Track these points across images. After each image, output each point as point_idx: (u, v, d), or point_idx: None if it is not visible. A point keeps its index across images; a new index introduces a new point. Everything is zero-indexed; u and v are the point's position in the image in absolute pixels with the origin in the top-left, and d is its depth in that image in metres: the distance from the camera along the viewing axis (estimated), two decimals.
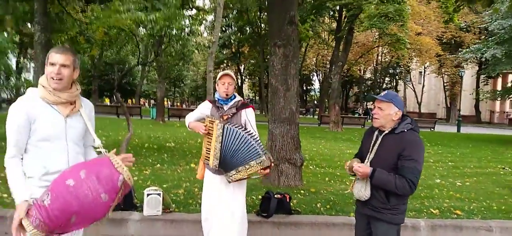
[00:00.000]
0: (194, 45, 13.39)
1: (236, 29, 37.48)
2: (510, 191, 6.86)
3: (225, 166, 3.32)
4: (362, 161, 2.80)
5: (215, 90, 3.85)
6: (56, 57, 2.17)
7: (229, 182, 3.33)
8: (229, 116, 3.47)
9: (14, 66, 29.27)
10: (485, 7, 11.69)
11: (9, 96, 31.91)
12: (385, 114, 2.68)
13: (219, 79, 3.53)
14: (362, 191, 2.72)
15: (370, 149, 2.76)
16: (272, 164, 3.32)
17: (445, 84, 47.81)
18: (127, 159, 2.21)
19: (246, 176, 3.27)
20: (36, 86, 2.25)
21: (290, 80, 6.46)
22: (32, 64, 31.11)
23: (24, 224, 1.92)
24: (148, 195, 4.39)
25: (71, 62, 2.21)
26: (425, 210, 5.24)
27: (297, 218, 4.67)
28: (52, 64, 2.16)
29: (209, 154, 3.41)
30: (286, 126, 6.43)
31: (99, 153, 2.29)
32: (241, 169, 3.24)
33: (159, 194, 4.43)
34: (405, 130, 2.67)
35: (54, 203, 1.91)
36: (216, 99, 3.61)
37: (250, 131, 3.34)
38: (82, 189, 1.96)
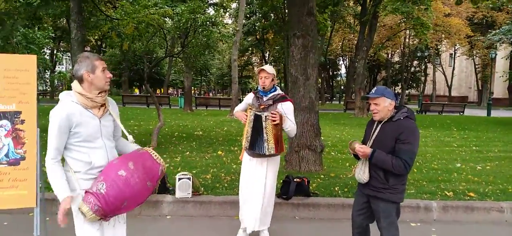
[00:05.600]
0: (219, 36, 13.75)
1: (260, 15, 37.54)
2: None
3: (255, 146, 3.75)
4: None
5: (240, 78, 4.27)
6: (104, 63, 2.51)
7: (272, 154, 3.74)
8: (266, 106, 3.86)
9: (49, 60, 30.70)
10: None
11: (44, 89, 33.49)
12: (382, 108, 3.00)
13: (257, 73, 3.97)
14: (361, 174, 3.08)
15: (370, 136, 3.10)
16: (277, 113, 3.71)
17: (476, 66, 46.34)
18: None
19: (272, 136, 3.68)
20: (70, 77, 2.58)
21: (309, 70, 6.75)
22: (66, 57, 32.46)
23: (83, 210, 2.29)
24: (179, 179, 4.85)
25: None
26: (439, 193, 5.48)
27: (315, 200, 5.02)
28: (105, 69, 2.47)
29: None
30: (306, 114, 6.74)
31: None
32: (265, 137, 3.67)
33: (189, 179, 4.89)
34: (402, 118, 2.97)
35: (110, 191, 2.28)
36: (258, 90, 4.03)
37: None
38: (134, 178, 2.34)
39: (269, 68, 3.91)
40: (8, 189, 3.41)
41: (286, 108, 3.87)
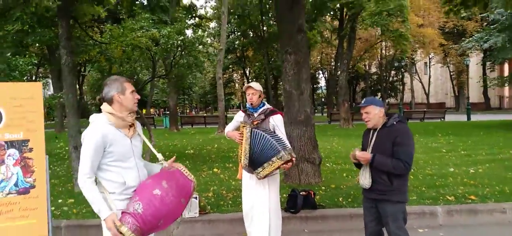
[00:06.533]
0: (205, 55, 13.84)
1: (239, 33, 37.92)
2: None
3: (253, 164, 3.74)
4: None
5: (225, 95, 4.28)
6: (132, 85, 2.57)
7: (259, 178, 3.73)
8: (259, 121, 3.88)
9: None
10: (481, 10, 11.95)
11: None
12: (372, 115, 3.23)
13: (245, 91, 4.00)
14: (363, 179, 3.26)
15: (369, 144, 3.27)
16: (294, 158, 3.71)
17: (451, 73, 47.80)
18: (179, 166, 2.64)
19: (270, 171, 3.66)
20: (53, 102, 2.58)
21: (303, 84, 6.85)
22: (48, 81, 31.85)
23: (122, 231, 2.28)
24: None
25: None
26: (441, 197, 5.58)
27: (322, 212, 5.04)
28: (133, 91, 2.55)
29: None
30: (302, 128, 6.80)
31: (161, 164, 2.68)
32: (266, 166, 3.66)
33: (196, 198, 4.84)
34: (395, 123, 3.20)
35: (147, 210, 2.30)
36: (247, 108, 4.03)
37: (274, 133, 3.77)
38: (169, 196, 2.38)
39: (255, 85, 3.96)
40: (19, 219, 3.32)
41: (277, 121, 3.91)
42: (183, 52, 10.87)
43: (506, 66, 43.25)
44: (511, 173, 7.36)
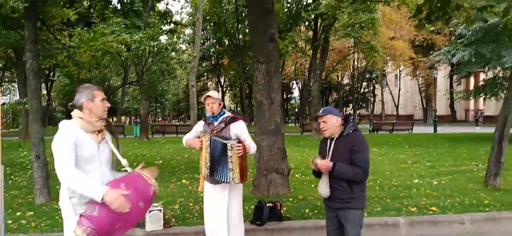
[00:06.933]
0: (177, 61, 13.71)
1: (214, 41, 37.88)
2: (482, 186, 7.42)
3: (216, 174, 3.73)
4: None
5: (198, 103, 4.26)
6: (102, 93, 2.65)
7: (235, 183, 3.73)
8: (218, 130, 3.87)
9: None
10: (444, 26, 12.43)
11: None
12: (330, 125, 3.32)
13: (204, 100, 3.98)
14: (323, 189, 3.33)
15: (327, 152, 3.35)
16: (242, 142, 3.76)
17: (420, 86, 49.32)
18: (153, 172, 2.67)
19: (237, 166, 3.69)
20: (18, 108, 2.58)
21: (273, 94, 6.88)
22: (11, 87, 30.65)
23: (77, 233, 2.28)
24: (149, 211, 4.68)
25: None
26: (404, 208, 5.71)
27: (288, 224, 5.05)
28: (103, 99, 2.63)
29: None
30: (272, 138, 6.82)
31: (125, 171, 2.70)
32: (231, 167, 3.67)
33: (159, 210, 4.74)
34: (350, 132, 3.31)
35: (102, 213, 2.31)
36: (207, 117, 4.01)
37: (226, 137, 3.79)
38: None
39: (214, 93, 3.99)
40: None
41: (238, 127, 3.90)
42: (154, 59, 10.76)
43: (472, 80, 45.02)
44: (472, 185, 7.63)
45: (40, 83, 7.44)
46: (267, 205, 5.08)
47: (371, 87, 53.31)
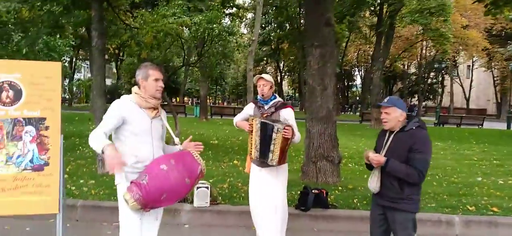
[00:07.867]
0: (235, 45, 13.84)
1: (275, 25, 37.70)
2: None
3: (263, 155, 3.71)
4: None
5: (254, 87, 4.27)
6: (158, 73, 2.82)
7: (274, 165, 3.71)
8: (269, 114, 3.86)
9: (68, 68, 31.28)
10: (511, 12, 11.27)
11: (63, 96, 34.14)
12: (392, 117, 3.04)
13: (256, 81, 3.97)
14: (373, 184, 3.11)
15: (383, 146, 3.10)
16: (290, 128, 3.68)
17: (495, 79, 45.45)
18: (198, 146, 2.89)
19: (279, 151, 3.65)
20: (88, 85, 2.82)
21: (326, 80, 6.71)
22: (84, 65, 33.04)
23: (126, 198, 2.49)
24: (197, 188, 4.86)
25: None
26: (461, 206, 5.35)
27: (333, 212, 4.97)
28: (157, 79, 2.79)
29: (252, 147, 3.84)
30: (323, 125, 6.68)
31: (176, 146, 2.95)
32: (272, 149, 3.65)
33: (207, 188, 4.90)
34: (414, 128, 3.00)
35: (151, 182, 2.50)
36: (258, 99, 4.01)
37: (276, 119, 3.76)
38: (173, 173, 2.56)
39: (267, 76, 3.94)
40: (32, 195, 3.46)
41: (287, 114, 3.86)
42: (212, 41, 10.94)
43: None
44: None
45: (104, 61, 7.93)
46: (313, 191, 5.03)
47: (440, 78, 50.05)
